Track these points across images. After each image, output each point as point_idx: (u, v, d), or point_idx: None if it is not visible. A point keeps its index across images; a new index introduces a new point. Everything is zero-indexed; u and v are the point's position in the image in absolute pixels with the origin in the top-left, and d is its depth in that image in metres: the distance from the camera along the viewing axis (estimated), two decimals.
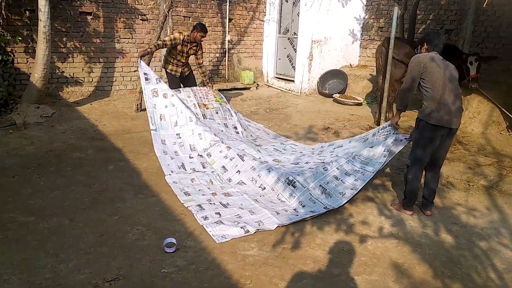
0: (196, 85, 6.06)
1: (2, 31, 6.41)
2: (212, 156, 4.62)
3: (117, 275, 2.63)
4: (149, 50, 5.47)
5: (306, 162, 4.50)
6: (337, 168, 4.01)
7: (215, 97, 5.82)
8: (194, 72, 6.31)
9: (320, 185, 3.86)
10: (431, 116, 3.40)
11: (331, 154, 4.52)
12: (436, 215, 3.71)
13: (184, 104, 5.16)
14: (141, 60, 5.27)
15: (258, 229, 3.25)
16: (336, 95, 8.13)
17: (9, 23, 6.52)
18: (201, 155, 4.68)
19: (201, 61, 6.02)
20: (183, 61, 5.93)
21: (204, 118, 5.35)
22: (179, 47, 5.73)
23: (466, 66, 5.57)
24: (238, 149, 4.64)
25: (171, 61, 5.87)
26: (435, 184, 3.69)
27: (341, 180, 3.90)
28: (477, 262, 2.99)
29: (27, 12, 6.63)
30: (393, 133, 3.89)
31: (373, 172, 3.85)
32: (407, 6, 7.17)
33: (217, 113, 5.60)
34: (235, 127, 5.54)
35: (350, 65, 9.24)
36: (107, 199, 3.70)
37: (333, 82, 8.76)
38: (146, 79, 5.15)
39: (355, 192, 3.77)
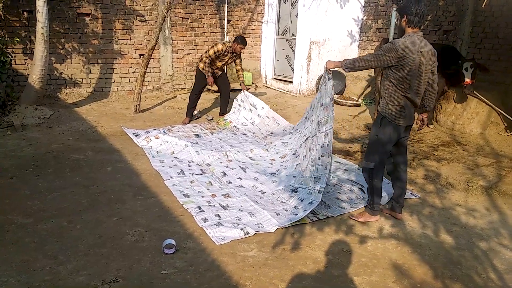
0: (229, 85, 6.61)
1: (0, 32, 6.39)
2: (212, 165, 4.69)
3: (116, 277, 2.62)
4: (209, 73, 6.10)
5: (300, 146, 4.50)
6: (319, 147, 3.88)
7: (219, 125, 6.42)
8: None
9: (314, 177, 3.86)
10: (399, 116, 3.23)
11: (312, 124, 4.30)
12: (435, 215, 3.71)
13: (177, 137, 5.35)
14: (123, 128, 5.77)
15: (257, 231, 3.24)
16: (335, 96, 8.13)
17: (7, 24, 6.49)
18: (200, 165, 4.72)
19: (239, 67, 6.47)
20: (219, 66, 6.25)
21: (212, 134, 5.82)
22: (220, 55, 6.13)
23: (461, 72, 5.54)
24: (240, 161, 4.77)
25: (206, 61, 6.06)
26: (405, 184, 3.61)
27: (322, 156, 3.83)
28: (477, 263, 2.99)
29: (25, 13, 6.61)
30: (328, 79, 3.72)
31: (330, 128, 3.74)
32: None
33: (224, 129, 6.18)
34: (244, 134, 5.98)
35: None
36: (105, 201, 3.69)
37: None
38: (136, 135, 5.47)
39: (331, 158, 3.78)
